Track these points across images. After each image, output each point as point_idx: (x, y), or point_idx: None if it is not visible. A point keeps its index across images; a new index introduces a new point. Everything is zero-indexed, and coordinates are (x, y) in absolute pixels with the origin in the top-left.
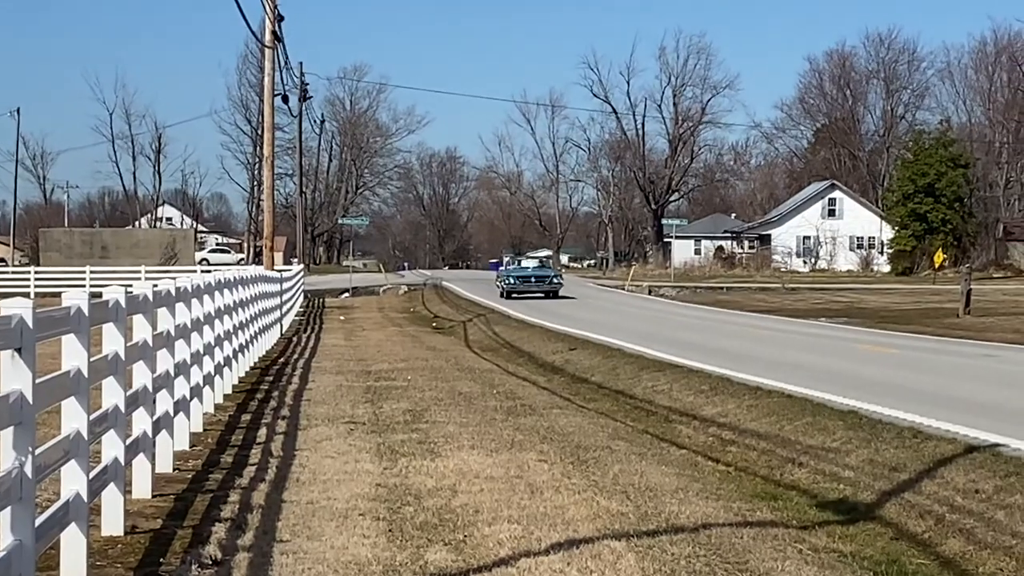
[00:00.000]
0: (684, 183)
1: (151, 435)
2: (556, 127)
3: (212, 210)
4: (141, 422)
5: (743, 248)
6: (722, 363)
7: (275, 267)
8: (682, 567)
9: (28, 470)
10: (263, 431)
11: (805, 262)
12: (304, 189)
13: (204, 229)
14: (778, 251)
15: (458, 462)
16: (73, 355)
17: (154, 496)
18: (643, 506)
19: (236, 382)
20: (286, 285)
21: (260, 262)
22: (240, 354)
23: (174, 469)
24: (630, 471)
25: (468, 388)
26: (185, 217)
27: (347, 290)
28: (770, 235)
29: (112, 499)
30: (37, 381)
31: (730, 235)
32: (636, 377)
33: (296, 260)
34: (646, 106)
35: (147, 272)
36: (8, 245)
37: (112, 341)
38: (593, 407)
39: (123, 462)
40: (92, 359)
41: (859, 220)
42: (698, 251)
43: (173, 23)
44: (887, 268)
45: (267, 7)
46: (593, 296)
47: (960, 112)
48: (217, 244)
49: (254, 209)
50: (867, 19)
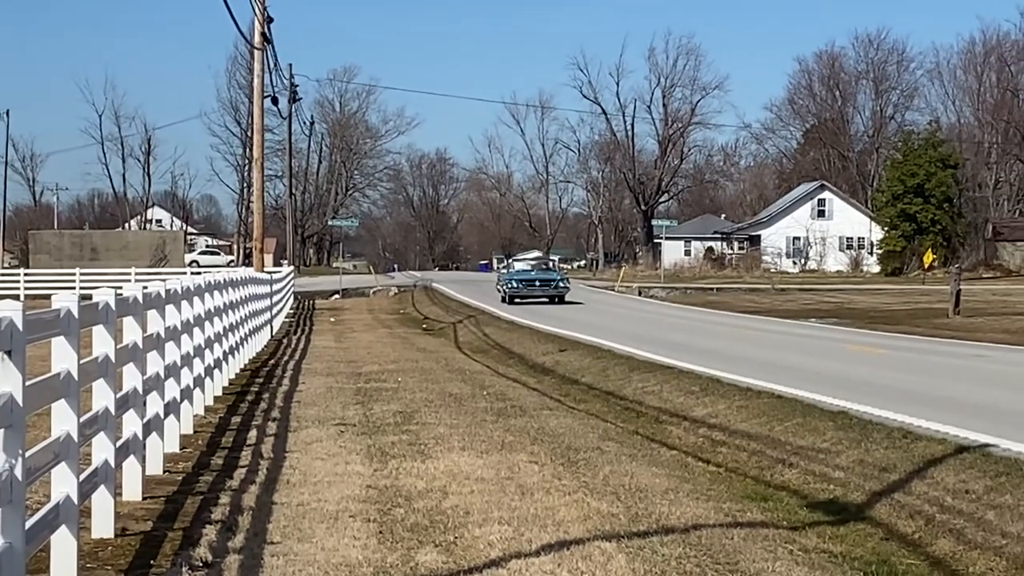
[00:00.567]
0: (674, 184)
1: (141, 437)
2: (546, 128)
3: (202, 212)
4: (131, 424)
5: (733, 249)
6: (712, 364)
7: (265, 269)
8: (673, 568)
9: (18, 473)
10: (253, 433)
11: (795, 263)
12: (294, 191)
13: (194, 231)
14: (768, 252)
15: (448, 464)
16: (63, 357)
17: (144, 498)
18: (633, 507)
19: (226, 384)
20: (276, 287)
21: (250, 264)
22: (230, 356)
23: (164, 471)
24: (620, 472)
25: (458, 389)
26: (175, 219)
27: (337, 292)
28: (760, 236)
29: (102, 501)
30: (27, 383)
31: (720, 236)
32: (626, 378)
33: (286, 262)
34: (636, 107)
35: (137, 274)
36: None
37: (102, 343)
38: (583, 408)
39: (113, 464)
40: (82, 361)
41: (848, 221)
42: (688, 252)
43: (162, 25)
44: (876, 269)
45: (256, 9)
46: (583, 297)
47: (949, 112)
48: (207, 246)
49: (244, 211)
50: (856, 20)
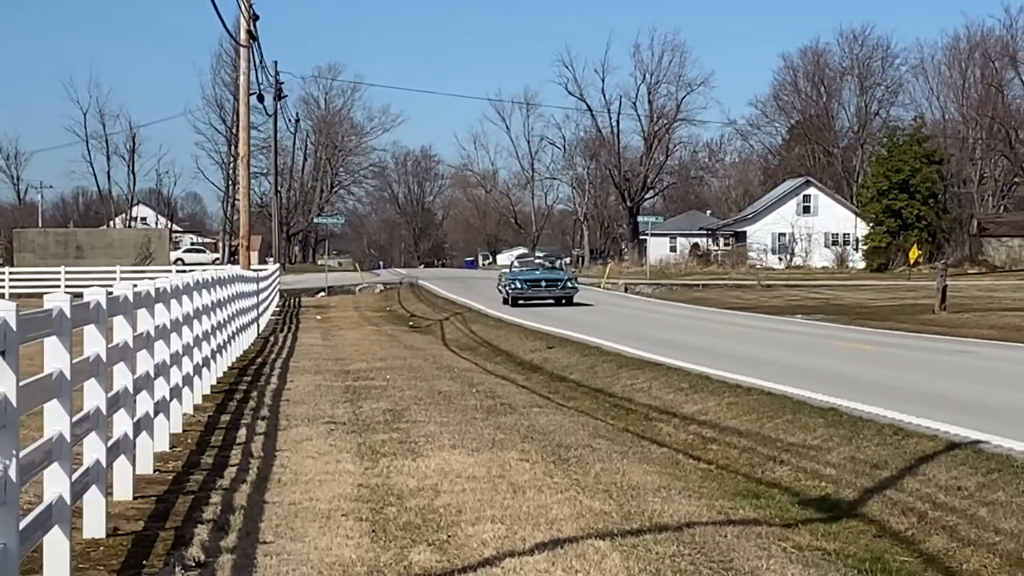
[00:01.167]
0: (659, 180)
1: (132, 436)
2: (531, 125)
3: (187, 210)
4: (122, 424)
5: (718, 245)
6: (700, 360)
7: (251, 266)
8: (667, 566)
9: (12, 473)
10: (243, 432)
11: (780, 259)
12: (279, 188)
13: (179, 229)
14: (753, 248)
15: (440, 462)
16: (55, 357)
17: (135, 498)
18: (626, 505)
19: (214, 382)
20: (262, 285)
21: (235, 261)
22: (218, 354)
23: (155, 471)
24: (612, 470)
25: (447, 387)
26: (160, 217)
27: (323, 289)
28: (745, 232)
29: (94, 501)
30: (21, 384)
31: (705, 232)
32: (615, 375)
33: (271, 259)
34: (621, 103)
35: (122, 272)
36: None
37: (93, 343)
38: (573, 405)
39: (105, 464)
40: (74, 361)
41: (834, 217)
42: (673, 248)
43: (147, 23)
44: (862, 264)
45: (242, 6)
46: None
47: (934, 108)
48: (192, 244)
49: (229, 208)
50: (841, 16)
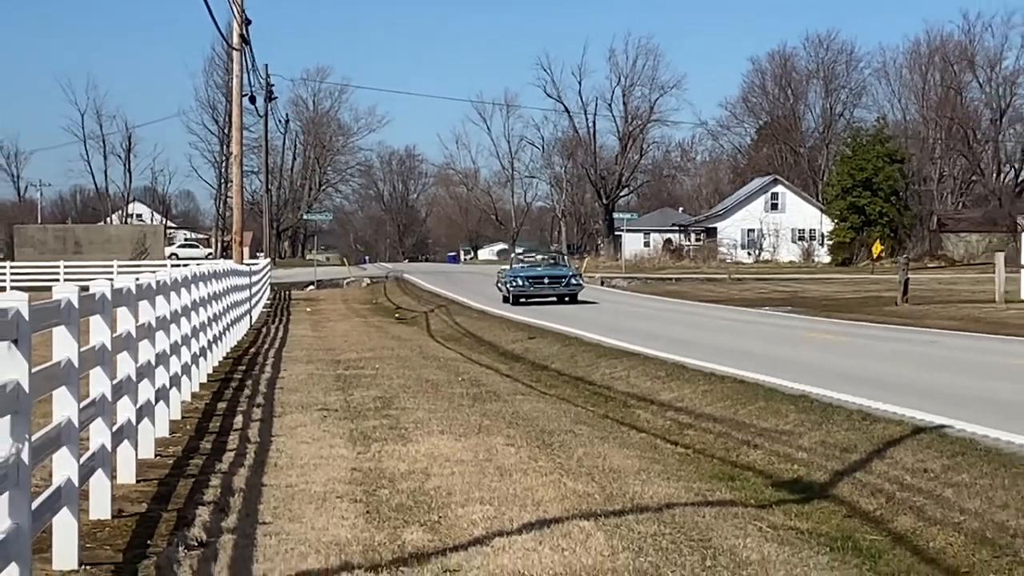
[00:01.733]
0: (634, 179)
1: (135, 422)
2: (511, 126)
3: (180, 207)
4: (125, 410)
5: (690, 240)
6: (676, 350)
7: (243, 261)
8: (649, 544)
9: (25, 456)
10: (239, 418)
11: (749, 254)
12: (269, 186)
13: (173, 225)
14: (724, 243)
15: (429, 447)
16: (64, 346)
17: (138, 481)
18: (608, 487)
19: (211, 371)
20: (255, 278)
21: (228, 256)
22: (214, 344)
23: (156, 455)
24: (594, 454)
25: (434, 376)
26: (155, 214)
27: (312, 283)
28: (716, 228)
29: (99, 484)
30: (32, 371)
31: (678, 228)
32: (594, 364)
33: (262, 254)
34: (597, 105)
35: (119, 267)
36: None
37: (99, 332)
38: (554, 393)
39: (110, 448)
40: (82, 350)
41: (800, 213)
42: (647, 243)
43: (143, 27)
44: (827, 259)
45: (235, 11)
46: None
47: (896, 110)
48: (186, 239)
49: (221, 206)
50: (807, 22)
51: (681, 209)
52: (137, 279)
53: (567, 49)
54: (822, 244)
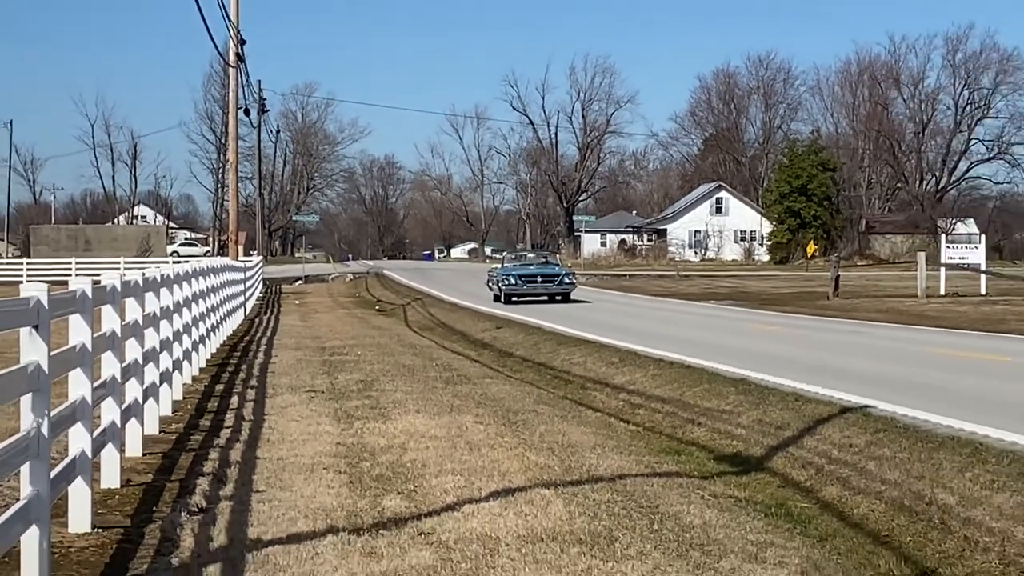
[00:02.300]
0: (591, 184)
1: (141, 402)
2: (481, 136)
3: (181, 209)
4: (132, 391)
5: (643, 241)
6: (628, 339)
7: (238, 258)
8: (603, 511)
9: (45, 430)
10: (235, 399)
11: (696, 253)
12: (262, 190)
13: (174, 225)
14: (673, 243)
15: (406, 424)
16: (79, 332)
17: (144, 454)
18: (566, 460)
19: (209, 357)
20: (248, 274)
21: (224, 254)
22: (212, 332)
23: (160, 431)
24: (554, 431)
25: (411, 361)
26: (158, 215)
27: (300, 278)
28: (666, 229)
29: (110, 457)
30: (51, 354)
31: (631, 230)
32: (555, 351)
33: (255, 252)
34: (559, 118)
35: (126, 263)
36: (2, 240)
37: (109, 321)
38: (519, 377)
39: (119, 424)
40: (95, 335)
41: (742, 216)
42: (604, 243)
43: (147, 46)
44: (766, 258)
45: (231, 31)
46: None
47: (828, 123)
48: (186, 239)
49: (218, 208)
50: (749, 43)
51: (635, 212)
52: (143, 273)
53: (532, 67)
54: (762, 244)
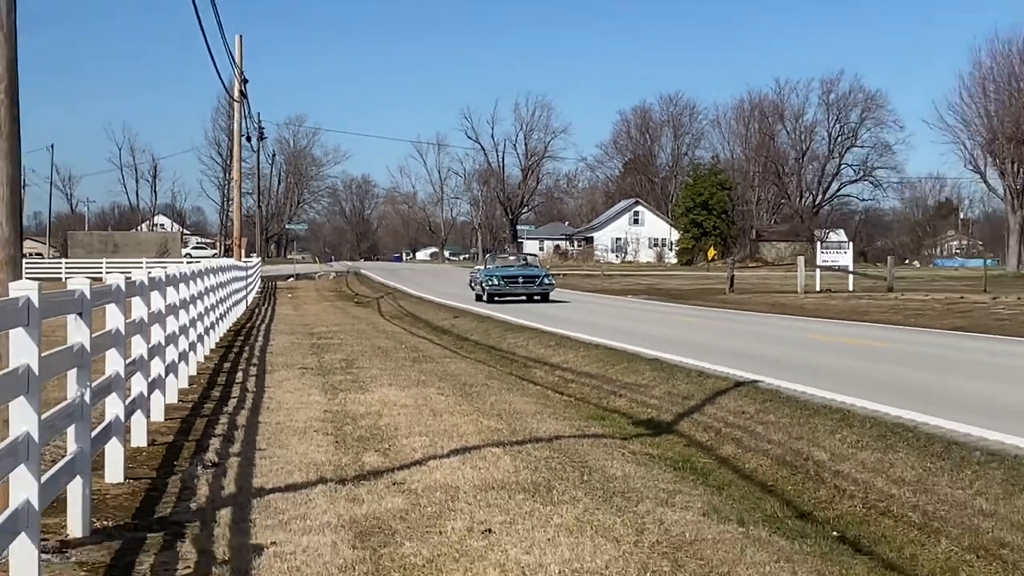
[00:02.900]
0: (532, 200)
1: (163, 377)
2: (441, 160)
3: (193, 218)
4: (156, 367)
5: (574, 246)
6: (563, 327)
7: (241, 259)
8: (543, 464)
9: (87, 399)
10: (240, 374)
11: (617, 256)
12: (260, 204)
13: (187, 232)
14: (598, 248)
15: (381, 395)
16: (114, 318)
17: (166, 419)
18: (512, 424)
19: (218, 340)
20: (250, 272)
21: (229, 255)
22: (221, 320)
23: (178, 401)
24: (502, 400)
25: (384, 344)
26: (173, 223)
27: (292, 276)
28: (593, 237)
29: (138, 421)
30: (93, 336)
31: (564, 237)
32: (503, 336)
33: (255, 254)
34: (505, 145)
35: (147, 263)
36: (45, 244)
37: (138, 310)
38: (473, 357)
39: (146, 395)
40: (126, 322)
41: (655, 226)
42: (542, 248)
43: (166, 84)
44: (675, 260)
45: (236, 73)
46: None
47: (725, 150)
48: (197, 243)
49: (224, 218)
50: (661, 84)
51: (567, 223)
52: (166, 269)
53: (483, 103)
54: (671, 249)
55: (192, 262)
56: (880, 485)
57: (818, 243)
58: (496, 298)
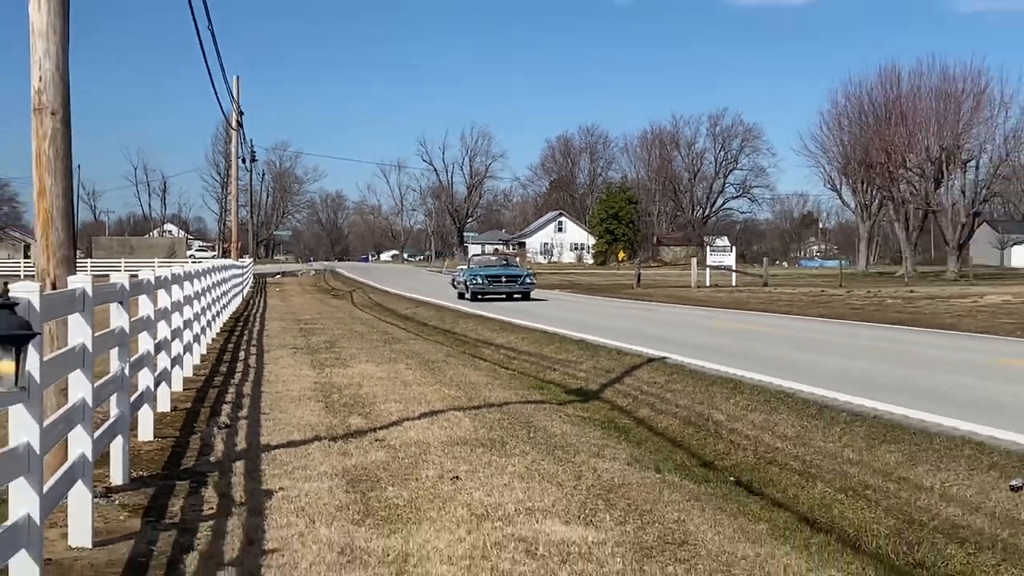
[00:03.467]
0: (475, 212)
1: (181, 354)
2: (401, 178)
3: (195, 226)
4: (176, 347)
5: (510, 250)
6: (504, 315)
7: (237, 260)
8: (496, 424)
9: (127, 371)
10: (242, 353)
11: (545, 258)
12: (252, 214)
13: (191, 237)
14: (530, 251)
15: (360, 370)
16: (145, 307)
17: (184, 389)
18: (469, 393)
19: (222, 325)
20: (245, 270)
21: (227, 256)
22: (224, 309)
23: (193, 375)
24: (459, 374)
25: (360, 329)
26: (180, 230)
27: (279, 273)
28: (525, 242)
29: (163, 391)
30: (131, 320)
31: (502, 242)
32: (456, 322)
33: (248, 256)
34: (453, 167)
35: (159, 263)
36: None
37: (163, 300)
38: (433, 339)
39: (169, 370)
40: (155, 309)
41: (576, 233)
42: (484, 252)
43: (175, 113)
44: (592, 261)
45: (234, 105)
46: (425, 279)
47: (632, 172)
48: (199, 246)
49: (222, 225)
50: (580, 116)
51: (504, 230)
52: (183, 268)
53: (436, 131)
54: (588, 252)
55: (196, 262)
56: (767, 440)
57: (707, 247)
58: (479, 296)
